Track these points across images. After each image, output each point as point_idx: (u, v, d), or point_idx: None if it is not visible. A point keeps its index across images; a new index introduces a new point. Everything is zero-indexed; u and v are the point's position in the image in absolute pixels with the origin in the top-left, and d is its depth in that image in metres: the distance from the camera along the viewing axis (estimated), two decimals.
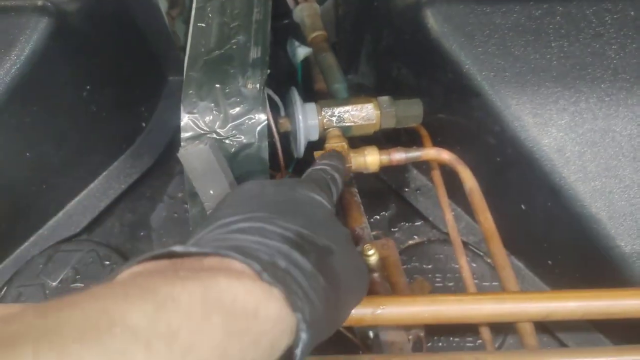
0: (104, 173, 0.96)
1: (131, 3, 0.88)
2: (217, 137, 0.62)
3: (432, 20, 0.74)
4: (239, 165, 0.63)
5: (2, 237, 0.90)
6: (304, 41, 0.90)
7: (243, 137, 0.62)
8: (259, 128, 0.62)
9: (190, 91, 0.63)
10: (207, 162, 0.61)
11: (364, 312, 0.58)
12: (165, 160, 0.98)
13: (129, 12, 0.89)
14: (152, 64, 1.00)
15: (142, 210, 0.95)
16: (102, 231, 0.93)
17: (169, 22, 0.96)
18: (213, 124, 0.62)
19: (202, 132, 0.62)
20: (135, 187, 0.96)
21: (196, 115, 0.63)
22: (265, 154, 0.63)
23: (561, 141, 0.71)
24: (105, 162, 0.96)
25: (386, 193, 0.97)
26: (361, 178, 0.80)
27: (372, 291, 0.70)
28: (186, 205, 0.96)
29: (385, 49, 0.90)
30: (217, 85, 0.63)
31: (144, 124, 1.00)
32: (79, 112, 0.87)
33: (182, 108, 0.63)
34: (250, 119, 0.62)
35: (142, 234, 0.92)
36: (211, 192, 0.62)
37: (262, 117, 0.62)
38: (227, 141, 0.62)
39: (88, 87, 0.86)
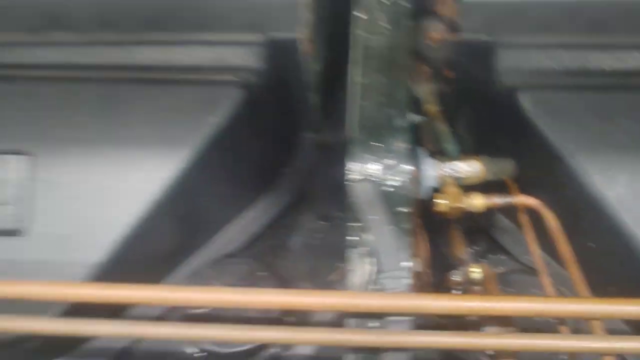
0: (256, 205, 1.23)
1: (292, 77, 1.16)
2: (377, 181, 0.89)
3: (526, 102, 1.00)
4: (391, 202, 0.89)
5: (178, 250, 1.17)
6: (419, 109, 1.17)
7: (395, 182, 0.89)
8: (407, 176, 0.89)
9: (358, 147, 0.90)
10: (370, 196, 0.88)
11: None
12: (301, 198, 1.25)
13: (289, 82, 1.17)
14: (295, 123, 1.28)
15: (283, 236, 1.22)
16: (255, 250, 1.20)
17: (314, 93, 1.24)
18: (374, 171, 0.89)
19: (366, 176, 0.89)
20: (278, 217, 1.23)
21: (361, 164, 0.89)
22: (412, 196, 0.89)
23: (623, 195, 0.95)
24: (256, 197, 1.24)
25: (475, 231, 1.21)
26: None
27: None
28: (317, 235, 1.23)
29: (482, 119, 1.16)
30: (376, 144, 0.90)
31: (285, 170, 1.28)
32: (248, 161, 1.15)
33: (351, 158, 0.90)
34: (401, 169, 0.89)
35: (286, 254, 1.19)
36: (370, 217, 0.88)
37: (410, 169, 0.89)
38: (384, 184, 0.89)
39: (261, 143, 1.14)
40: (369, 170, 0.89)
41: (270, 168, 1.24)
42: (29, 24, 1.08)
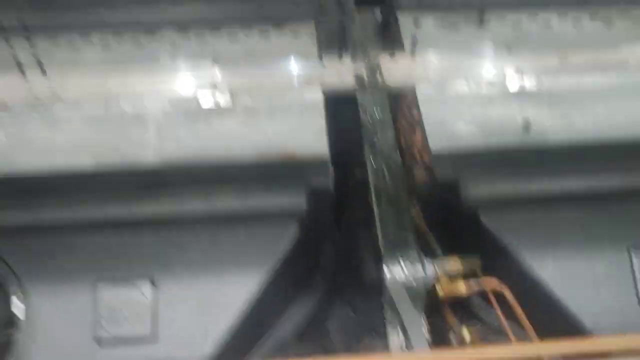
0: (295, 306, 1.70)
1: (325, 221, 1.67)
2: (403, 279, 1.39)
3: (484, 218, 1.54)
4: (412, 294, 1.38)
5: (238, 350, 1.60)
6: None
7: (415, 281, 1.39)
8: (421, 276, 1.39)
9: (387, 258, 1.40)
10: (400, 290, 1.37)
11: None
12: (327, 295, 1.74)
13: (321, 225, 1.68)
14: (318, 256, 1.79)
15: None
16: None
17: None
18: (401, 273, 1.39)
19: (396, 276, 1.39)
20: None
21: (391, 268, 1.39)
22: (425, 289, 1.39)
23: (552, 274, 1.48)
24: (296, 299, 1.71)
25: (458, 308, 1.71)
26: None
27: None
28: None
29: (454, 230, 1.70)
30: (398, 254, 1.41)
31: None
32: (289, 279, 1.63)
33: (385, 264, 1.39)
34: (417, 271, 1.39)
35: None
36: (401, 305, 1.37)
37: (422, 271, 1.39)
38: (408, 282, 1.39)
39: (300, 265, 1.63)
40: (398, 273, 1.40)
41: (304, 284, 1.74)
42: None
